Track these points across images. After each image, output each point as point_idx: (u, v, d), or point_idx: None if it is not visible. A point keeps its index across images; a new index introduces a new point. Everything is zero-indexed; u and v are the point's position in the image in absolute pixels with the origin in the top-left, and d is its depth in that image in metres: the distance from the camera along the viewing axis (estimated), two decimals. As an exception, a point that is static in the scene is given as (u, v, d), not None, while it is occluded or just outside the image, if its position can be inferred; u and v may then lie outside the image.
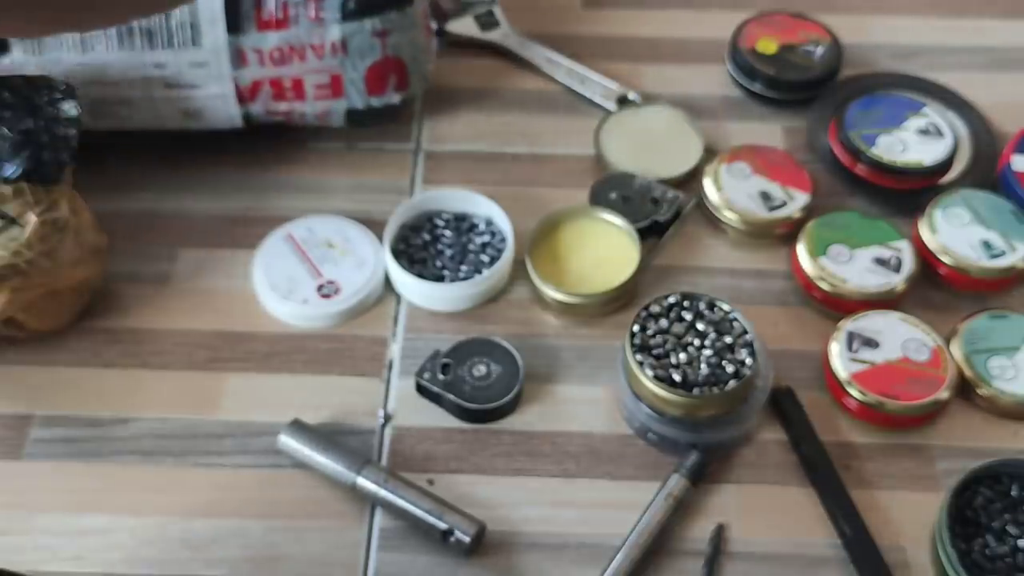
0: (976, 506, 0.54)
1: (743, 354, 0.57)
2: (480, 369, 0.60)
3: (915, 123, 0.70)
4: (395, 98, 0.68)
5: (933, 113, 0.71)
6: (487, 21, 0.80)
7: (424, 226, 0.67)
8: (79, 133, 0.59)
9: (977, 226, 0.65)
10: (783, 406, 0.59)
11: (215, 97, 0.65)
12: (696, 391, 0.55)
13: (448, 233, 0.66)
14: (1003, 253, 0.64)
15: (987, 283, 0.64)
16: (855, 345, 0.60)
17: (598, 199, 0.68)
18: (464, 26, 0.79)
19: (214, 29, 0.63)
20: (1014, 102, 0.76)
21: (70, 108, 0.59)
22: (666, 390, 0.55)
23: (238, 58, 0.64)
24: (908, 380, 0.58)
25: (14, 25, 0.34)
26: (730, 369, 0.56)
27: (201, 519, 0.55)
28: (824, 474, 0.56)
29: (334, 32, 0.64)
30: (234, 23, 0.63)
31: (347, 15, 0.64)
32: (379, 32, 0.65)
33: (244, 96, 0.66)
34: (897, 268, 0.63)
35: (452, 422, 0.59)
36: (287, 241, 0.66)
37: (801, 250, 0.64)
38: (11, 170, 0.57)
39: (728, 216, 0.67)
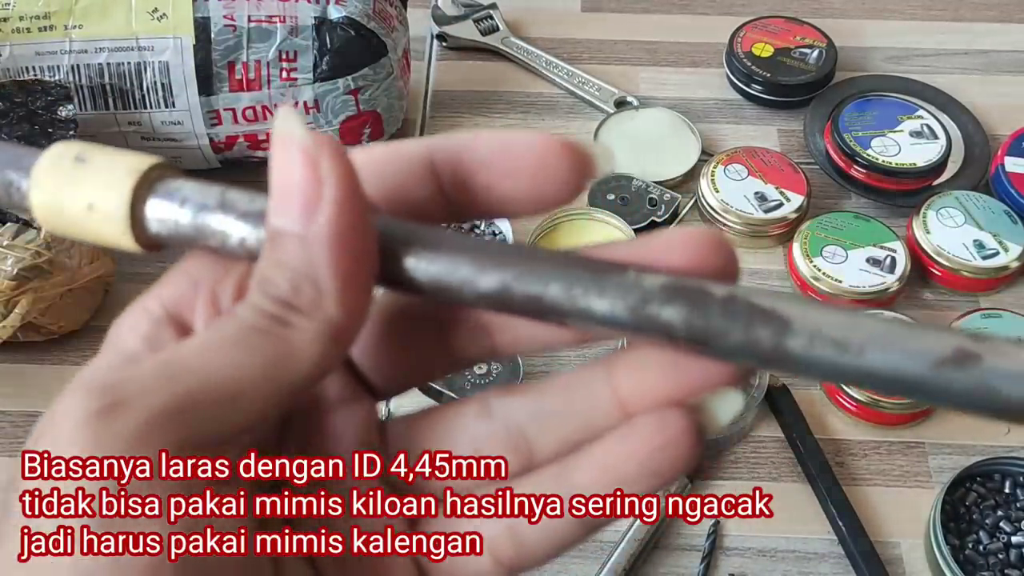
0: (969, 503, 0.55)
1: (739, 353, 0.58)
2: (481, 367, 0.60)
3: (909, 125, 0.71)
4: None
5: (927, 115, 0.72)
6: (487, 25, 0.81)
7: (425, 227, 0.67)
8: (77, 134, 0.59)
9: (970, 227, 0.66)
10: (779, 404, 0.60)
11: (192, 148, 0.66)
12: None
13: (449, 234, 0.67)
14: (996, 253, 0.65)
15: (980, 283, 0.65)
16: (850, 344, 0.60)
17: (596, 200, 0.69)
18: (465, 30, 0.80)
19: (186, 91, 0.64)
20: (1007, 104, 0.77)
21: (67, 110, 0.60)
22: (664, 388, 0.56)
23: (212, 117, 0.65)
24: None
25: None
26: (726, 368, 0.57)
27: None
28: (819, 471, 0.57)
29: (306, 93, 0.65)
30: (206, 86, 0.64)
31: (320, 77, 0.64)
32: (352, 90, 0.66)
33: (220, 147, 0.66)
34: (891, 268, 0.64)
35: (453, 420, 0.60)
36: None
37: (796, 251, 0.65)
38: (15, 174, 0.58)
39: (724, 217, 0.68)
